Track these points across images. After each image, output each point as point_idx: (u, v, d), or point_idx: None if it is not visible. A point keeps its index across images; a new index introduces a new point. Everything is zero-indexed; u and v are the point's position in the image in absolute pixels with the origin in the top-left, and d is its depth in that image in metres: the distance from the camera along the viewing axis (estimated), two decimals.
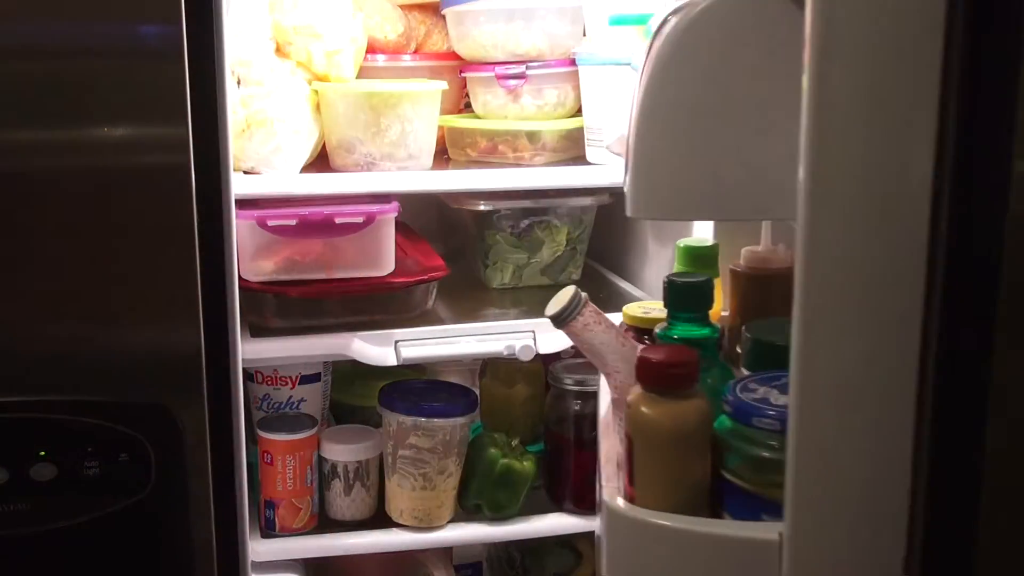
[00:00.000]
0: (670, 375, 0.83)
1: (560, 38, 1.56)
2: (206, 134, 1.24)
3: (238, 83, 1.44)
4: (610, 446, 1.04)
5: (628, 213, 0.90)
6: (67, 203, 1.19)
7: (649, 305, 1.27)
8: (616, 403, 1.03)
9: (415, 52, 1.65)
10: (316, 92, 1.49)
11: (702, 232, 1.53)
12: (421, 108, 1.48)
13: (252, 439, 1.48)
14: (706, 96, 0.84)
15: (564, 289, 1.06)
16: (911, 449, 0.71)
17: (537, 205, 1.64)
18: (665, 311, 1.21)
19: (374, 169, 1.48)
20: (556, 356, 1.60)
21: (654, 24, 1.05)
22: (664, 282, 1.02)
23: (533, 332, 1.52)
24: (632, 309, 1.26)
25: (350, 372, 1.67)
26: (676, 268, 1.29)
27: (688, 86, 0.85)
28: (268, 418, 1.54)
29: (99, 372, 1.23)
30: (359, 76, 1.54)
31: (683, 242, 1.30)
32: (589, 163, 1.56)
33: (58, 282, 1.20)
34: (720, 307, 1.26)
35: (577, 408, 1.57)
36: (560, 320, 1.04)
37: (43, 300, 1.21)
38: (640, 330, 1.21)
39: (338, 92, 1.48)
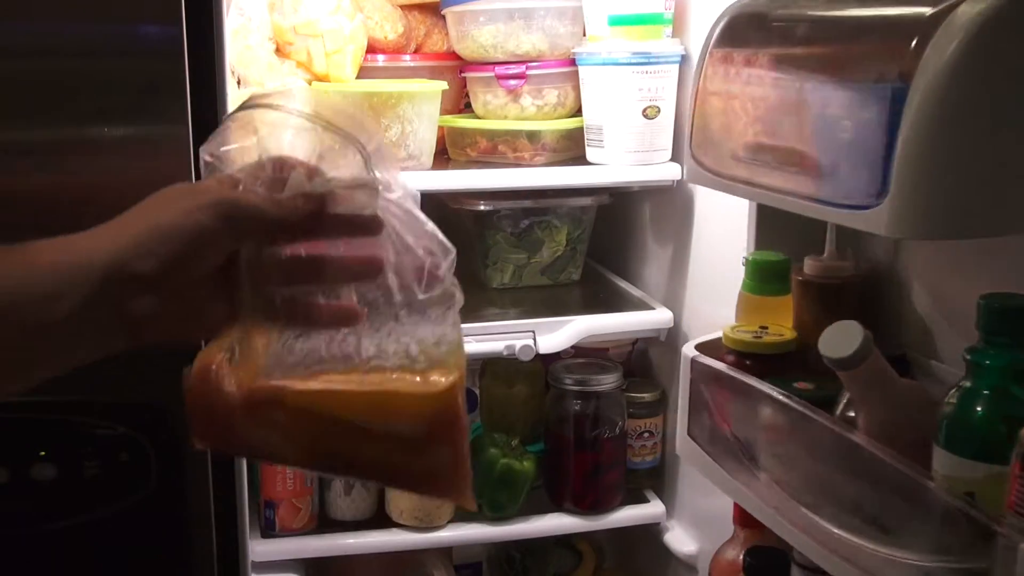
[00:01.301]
0: None
1: (560, 38, 1.56)
2: (206, 134, 1.24)
3: (238, 83, 1.44)
4: (846, 480, 0.95)
5: (886, 233, 0.81)
6: (67, 203, 1.19)
7: (746, 328, 1.17)
8: (896, 441, 0.92)
9: (415, 52, 1.65)
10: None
11: (705, 236, 1.52)
12: (421, 108, 1.48)
13: None
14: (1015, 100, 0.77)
15: (837, 326, 0.93)
16: None
17: (537, 205, 1.64)
18: (756, 330, 1.15)
19: None
20: (556, 356, 1.60)
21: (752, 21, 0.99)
22: (979, 303, 0.87)
23: (533, 332, 1.52)
24: (736, 333, 1.16)
25: None
26: (745, 283, 1.21)
27: (992, 90, 0.77)
28: None
29: (99, 372, 1.22)
30: (359, 76, 1.54)
31: (753, 255, 1.22)
32: (589, 163, 1.55)
33: None
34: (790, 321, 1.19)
35: (577, 408, 1.57)
36: (853, 362, 0.91)
37: None
38: (743, 354, 1.14)
39: (338, 92, 1.48)
